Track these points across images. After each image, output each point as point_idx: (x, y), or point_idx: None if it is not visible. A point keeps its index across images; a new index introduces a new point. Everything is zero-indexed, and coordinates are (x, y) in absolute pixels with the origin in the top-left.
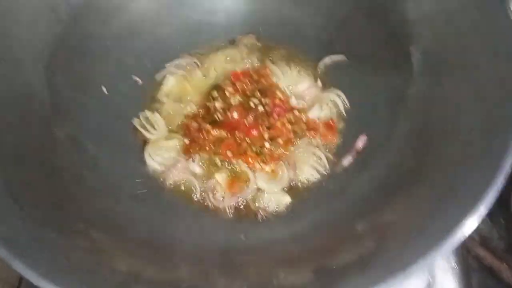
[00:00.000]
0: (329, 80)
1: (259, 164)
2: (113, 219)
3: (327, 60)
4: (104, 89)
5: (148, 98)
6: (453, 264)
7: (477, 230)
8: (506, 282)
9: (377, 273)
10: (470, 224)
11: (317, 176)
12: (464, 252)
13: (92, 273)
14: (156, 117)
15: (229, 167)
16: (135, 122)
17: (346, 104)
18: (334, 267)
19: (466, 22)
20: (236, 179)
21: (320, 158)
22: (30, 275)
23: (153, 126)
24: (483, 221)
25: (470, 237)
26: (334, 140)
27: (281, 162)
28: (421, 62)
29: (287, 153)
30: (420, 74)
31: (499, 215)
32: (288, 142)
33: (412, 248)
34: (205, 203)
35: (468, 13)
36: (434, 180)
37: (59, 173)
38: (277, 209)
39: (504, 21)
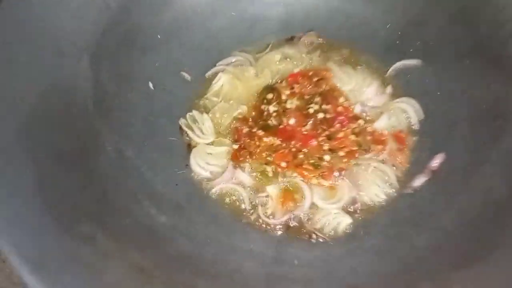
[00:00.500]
0: (400, 87)
1: (316, 178)
2: (153, 232)
3: (399, 64)
4: (151, 85)
5: (197, 96)
6: None
7: None
8: None
9: None
10: None
11: (383, 196)
12: None
13: None
14: (204, 118)
15: (283, 180)
16: (182, 122)
17: (420, 116)
18: None
19: None
20: (290, 194)
21: (387, 176)
22: None
23: (200, 128)
24: None
25: None
26: (404, 156)
27: (341, 178)
28: None
29: (349, 168)
30: None
31: None
32: (350, 156)
33: None
34: (254, 218)
35: None
36: None
37: (98, 177)
38: (334, 232)
39: None
